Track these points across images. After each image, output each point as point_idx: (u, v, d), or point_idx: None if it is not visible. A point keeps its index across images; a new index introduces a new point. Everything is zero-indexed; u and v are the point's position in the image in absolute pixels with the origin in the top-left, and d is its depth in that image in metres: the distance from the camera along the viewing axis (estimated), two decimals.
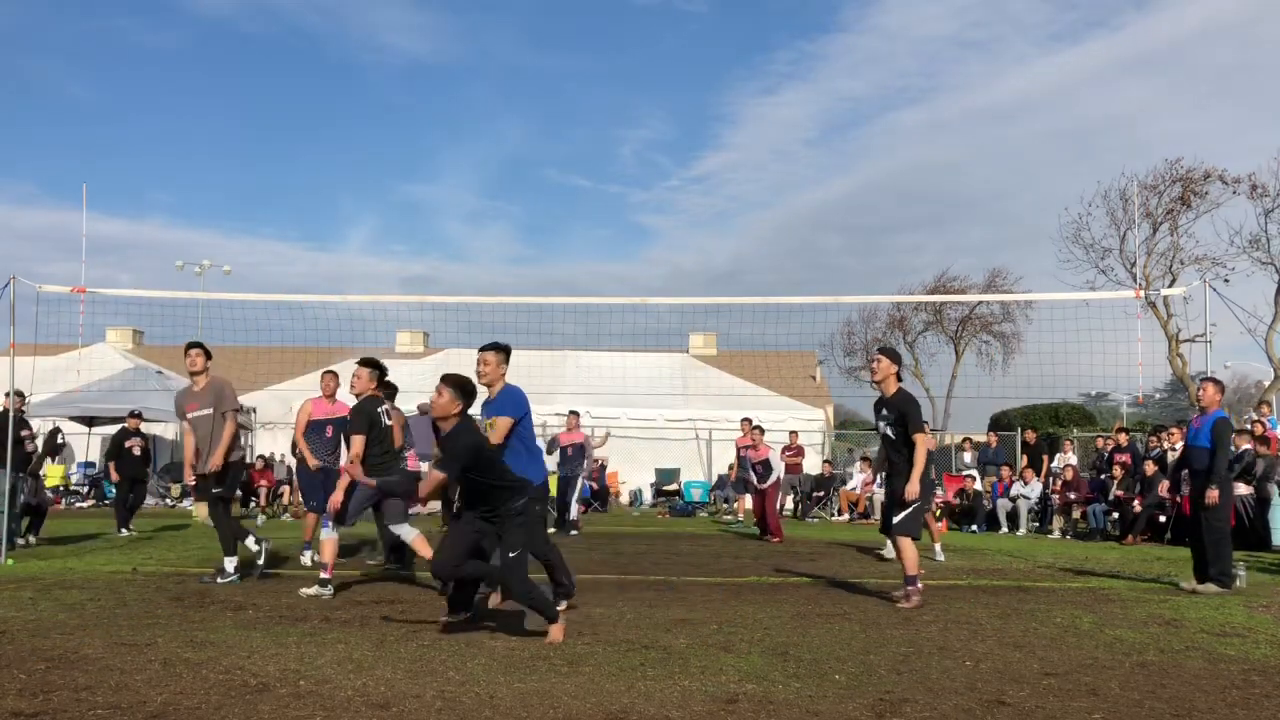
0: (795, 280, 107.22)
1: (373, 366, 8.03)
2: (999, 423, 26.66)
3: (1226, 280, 24.94)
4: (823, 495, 20.62)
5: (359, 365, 8.07)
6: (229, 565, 8.28)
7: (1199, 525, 8.58)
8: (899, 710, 4.36)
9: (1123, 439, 16.07)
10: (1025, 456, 18.08)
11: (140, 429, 15.22)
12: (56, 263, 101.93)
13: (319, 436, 9.47)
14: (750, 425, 14.76)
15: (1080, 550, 12.69)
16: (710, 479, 22.89)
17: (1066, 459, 16.65)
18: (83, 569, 9.23)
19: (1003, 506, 16.45)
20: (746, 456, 14.43)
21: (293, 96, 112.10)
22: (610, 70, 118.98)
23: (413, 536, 7.92)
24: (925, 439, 7.48)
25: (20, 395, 11.50)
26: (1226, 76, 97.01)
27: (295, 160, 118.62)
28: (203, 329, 15.14)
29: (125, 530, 13.77)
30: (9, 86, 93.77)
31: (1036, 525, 16.13)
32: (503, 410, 6.60)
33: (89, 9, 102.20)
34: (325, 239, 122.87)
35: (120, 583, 8.22)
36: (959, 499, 17.26)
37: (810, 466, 21.59)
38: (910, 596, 7.33)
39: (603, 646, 5.66)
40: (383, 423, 7.94)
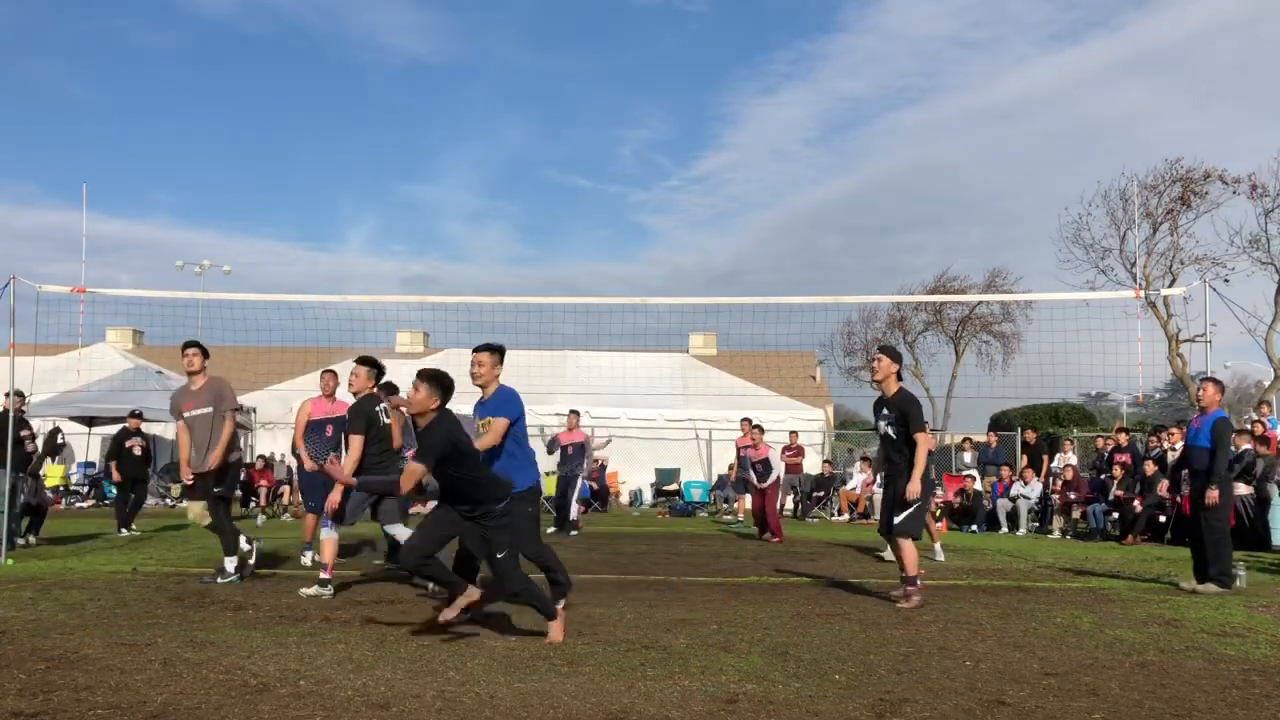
0: (795, 280, 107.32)
1: (371, 365, 8.04)
2: (999, 423, 26.68)
3: (1226, 280, 24.97)
4: (823, 495, 20.63)
5: (357, 364, 8.07)
6: (229, 565, 8.29)
7: (1199, 525, 8.58)
8: (899, 710, 4.36)
9: (1123, 439, 16.07)
10: (1025, 456, 18.09)
11: (141, 429, 15.24)
12: (56, 263, 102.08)
13: (319, 436, 9.47)
14: (750, 425, 14.77)
15: (1080, 550, 12.69)
16: (710, 479, 22.89)
17: (1066, 459, 16.65)
18: (83, 569, 9.23)
19: (1003, 506, 16.45)
20: (746, 456, 14.43)
21: (292, 97, 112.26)
22: (610, 70, 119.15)
23: (407, 536, 7.90)
24: (926, 439, 7.48)
25: (20, 395, 11.50)
26: (1226, 76, 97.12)
27: (295, 160, 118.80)
28: (203, 329, 15.16)
29: (125, 530, 13.78)
30: (9, 86, 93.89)
31: (1036, 525, 16.14)
32: (498, 411, 6.59)
33: (89, 9, 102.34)
34: (325, 239, 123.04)
35: (120, 583, 8.22)
36: (959, 499, 17.27)
37: (810, 466, 21.60)
38: (910, 596, 7.33)
39: (603, 646, 5.66)
40: (381, 421, 7.95)
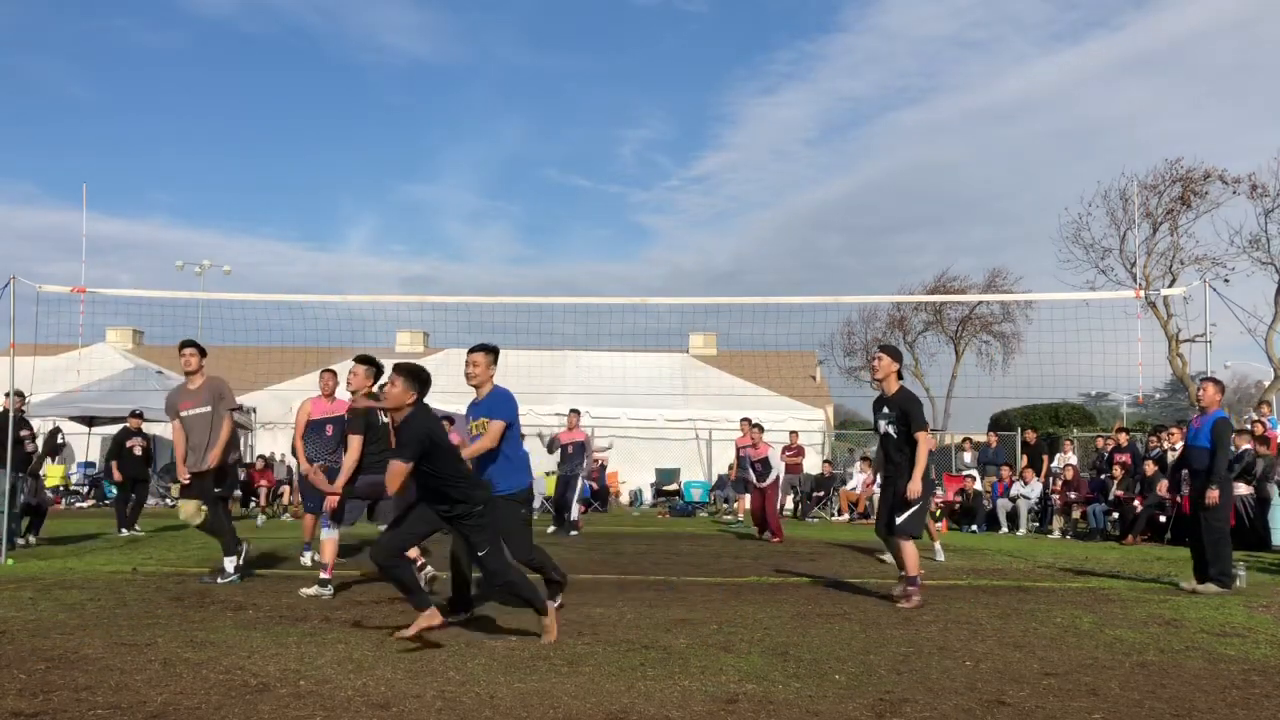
0: (795, 280, 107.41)
1: (369, 364, 8.03)
2: (999, 423, 26.67)
3: (1226, 280, 24.97)
4: (823, 495, 20.63)
5: (355, 363, 8.07)
6: (229, 565, 8.30)
7: (1199, 525, 8.57)
8: (899, 710, 4.36)
9: (1123, 439, 16.07)
10: (1025, 456, 18.09)
11: (142, 429, 15.24)
12: (56, 263, 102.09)
13: (319, 435, 9.44)
14: (750, 425, 14.77)
15: (1080, 550, 12.69)
16: (710, 479, 22.89)
17: (1066, 459, 16.65)
18: (83, 569, 9.23)
19: (1003, 506, 16.45)
20: (746, 455, 14.44)
21: (292, 96, 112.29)
22: (610, 70, 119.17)
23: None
24: (927, 438, 7.48)
25: (20, 395, 11.50)
26: (1226, 76, 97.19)
27: (295, 160, 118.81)
28: (203, 329, 15.17)
29: (125, 530, 13.78)
30: (9, 86, 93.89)
31: (1036, 525, 16.13)
32: (494, 413, 6.59)
33: (89, 9, 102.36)
34: (325, 239, 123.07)
35: (120, 583, 8.22)
36: (959, 499, 17.26)
37: (810, 466, 21.59)
38: (910, 597, 7.33)
39: (603, 646, 5.66)
40: (379, 421, 7.94)
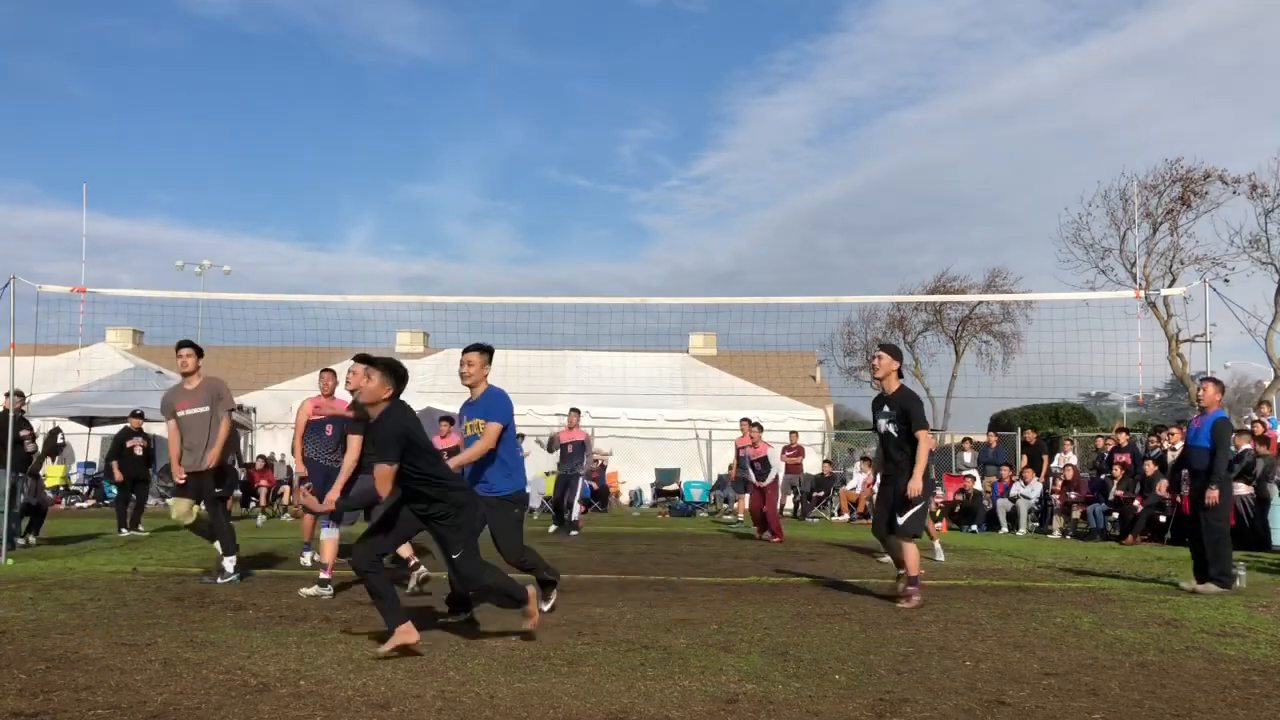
0: (795, 280, 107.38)
1: (368, 363, 8.02)
2: (999, 423, 26.69)
3: (1226, 280, 24.99)
4: (823, 495, 20.64)
5: (354, 362, 8.07)
6: (229, 565, 8.30)
7: (1199, 525, 8.57)
8: (899, 710, 4.36)
9: (1123, 439, 16.07)
10: (1025, 456, 18.09)
11: (142, 429, 15.23)
12: (56, 263, 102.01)
13: (319, 435, 9.45)
14: (749, 424, 14.78)
15: (1080, 550, 12.69)
16: (710, 479, 22.89)
17: (1066, 459, 16.65)
18: (83, 569, 9.23)
19: (1003, 506, 16.45)
20: (746, 455, 14.45)
21: (292, 96, 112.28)
22: (610, 70, 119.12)
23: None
24: (928, 436, 7.47)
25: (20, 395, 11.50)
26: (1226, 76, 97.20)
27: (295, 160, 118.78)
28: (203, 329, 15.19)
29: (125, 530, 13.78)
30: (9, 86, 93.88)
31: (1036, 525, 16.14)
32: (489, 414, 6.59)
33: (89, 9, 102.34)
34: (325, 239, 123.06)
35: (120, 583, 8.22)
36: (959, 499, 17.26)
37: (810, 466, 21.60)
38: (911, 597, 7.33)
39: (603, 646, 5.66)
40: None
